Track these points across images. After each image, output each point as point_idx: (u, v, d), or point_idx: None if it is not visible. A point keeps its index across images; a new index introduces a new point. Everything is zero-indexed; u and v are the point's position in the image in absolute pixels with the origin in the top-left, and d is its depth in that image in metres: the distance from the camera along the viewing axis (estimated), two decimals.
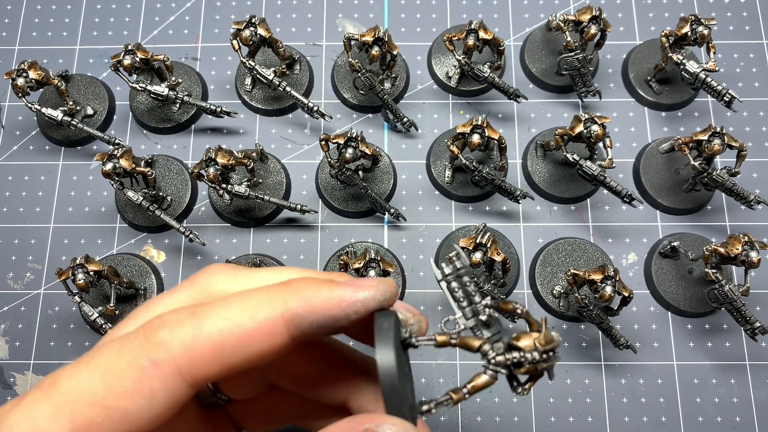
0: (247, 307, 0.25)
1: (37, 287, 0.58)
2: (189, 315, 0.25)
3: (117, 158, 0.52)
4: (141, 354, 0.24)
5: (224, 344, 0.25)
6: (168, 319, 0.25)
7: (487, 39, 0.56)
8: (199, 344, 0.25)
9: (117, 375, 0.24)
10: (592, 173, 0.54)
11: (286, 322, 0.25)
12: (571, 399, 0.54)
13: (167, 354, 0.24)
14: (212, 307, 0.26)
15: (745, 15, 0.64)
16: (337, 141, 0.52)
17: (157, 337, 0.25)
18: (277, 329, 0.25)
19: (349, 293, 0.26)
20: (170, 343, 0.25)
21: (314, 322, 0.26)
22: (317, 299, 0.26)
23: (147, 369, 0.24)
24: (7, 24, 0.66)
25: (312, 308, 0.26)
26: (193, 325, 0.25)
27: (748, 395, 0.54)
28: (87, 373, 0.24)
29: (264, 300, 0.26)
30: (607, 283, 0.48)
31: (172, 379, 0.24)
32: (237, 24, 0.56)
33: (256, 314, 0.25)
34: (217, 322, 0.25)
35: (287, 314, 0.25)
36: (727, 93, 0.55)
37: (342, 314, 0.26)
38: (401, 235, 0.58)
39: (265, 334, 0.25)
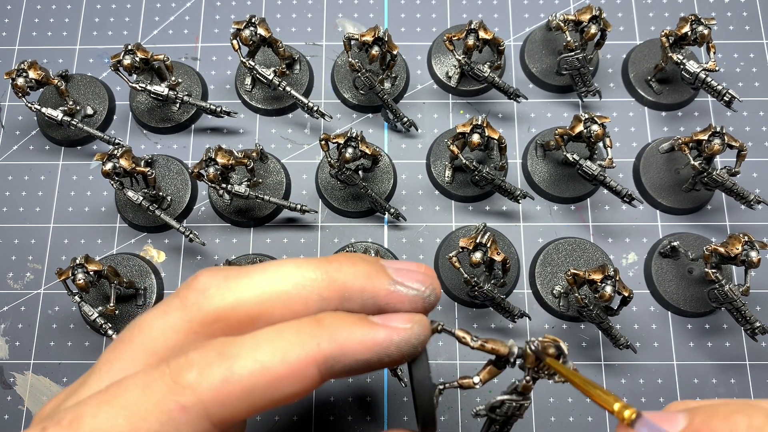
0: (278, 349, 0.25)
1: (37, 287, 0.58)
2: (218, 356, 0.24)
3: (117, 158, 0.52)
4: (168, 397, 0.24)
5: (254, 388, 0.24)
6: (196, 359, 0.24)
7: (487, 39, 0.56)
8: (229, 388, 0.24)
9: (143, 417, 0.23)
10: (592, 173, 0.54)
11: (318, 365, 0.25)
12: (571, 399, 0.54)
13: (195, 398, 0.24)
14: (241, 348, 0.25)
15: (745, 15, 0.64)
16: (337, 141, 0.52)
17: (185, 381, 0.24)
18: (308, 372, 0.25)
19: (383, 337, 0.26)
20: (198, 387, 0.24)
21: (346, 366, 0.25)
22: (350, 342, 0.25)
23: (174, 412, 0.23)
24: (7, 24, 0.66)
25: (345, 352, 0.25)
26: (223, 368, 0.24)
27: (748, 395, 0.54)
28: (111, 414, 0.23)
29: (295, 342, 0.25)
30: (607, 283, 0.48)
31: (200, 422, 0.24)
32: (237, 24, 0.56)
33: (287, 356, 0.24)
34: (247, 365, 0.24)
35: (320, 357, 0.25)
36: (727, 93, 0.55)
37: (375, 358, 0.26)
38: (401, 235, 0.58)
39: (297, 377, 0.25)
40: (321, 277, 0.28)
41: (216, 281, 0.28)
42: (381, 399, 0.54)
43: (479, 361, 0.54)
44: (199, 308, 0.27)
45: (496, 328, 0.55)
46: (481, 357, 0.54)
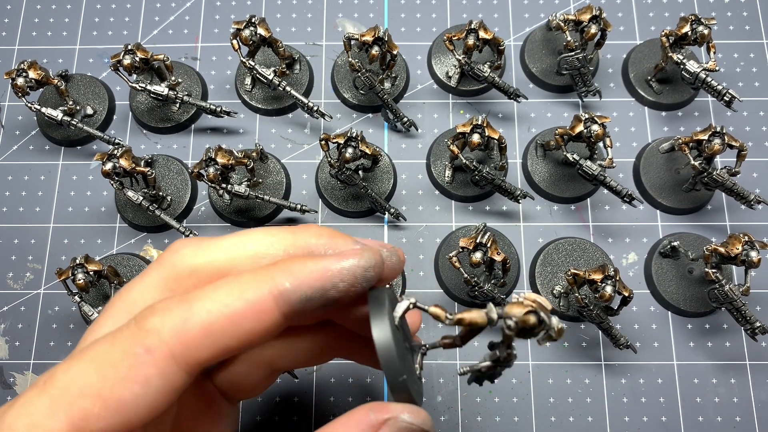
0: (235, 287, 0.26)
1: (36, 287, 0.58)
2: (178, 301, 0.26)
3: (117, 158, 0.52)
4: (133, 342, 0.25)
5: (215, 326, 0.25)
6: (158, 306, 0.26)
7: (487, 39, 0.56)
8: (190, 327, 0.25)
9: (111, 365, 0.24)
10: (593, 173, 0.54)
11: (274, 298, 0.26)
12: (571, 399, 0.54)
13: (159, 340, 0.25)
14: (201, 291, 0.26)
15: (745, 15, 0.64)
16: (337, 141, 0.52)
17: (149, 325, 0.25)
18: (266, 306, 0.26)
19: (333, 262, 0.27)
20: (161, 329, 0.25)
21: (303, 295, 0.26)
22: (303, 272, 0.26)
23: (140, 356, 0.24)
24: (6, 24, 0.66)
25: (299, 281, 0.26)
26: (183, 309, 0.25)
27: (749, 395, 0.54)
28: (82, 366, 0.24)
29: (251, 279, 0.26)
30: (607, 283, 0.48)
31: (166, 364, 0.25)
32: (237, 24, 0.56)
33: (243, 293, 0.25)
34: (206, 305, 0.25)
35: (275, 290, 0.26)
36: (728, 93, 0.55)
37: (329, 284, 0.26)
38: (401, 235, 0.58)
39: (255, 313, 0.25)
40: (287, 236, 0.29)
41: (189, 243, 0.30)
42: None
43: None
44: (173, 265, 0.29)
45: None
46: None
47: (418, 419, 0.28)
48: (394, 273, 0.31)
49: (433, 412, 0.53)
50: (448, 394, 0.54)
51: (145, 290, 0.28)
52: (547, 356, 0.55)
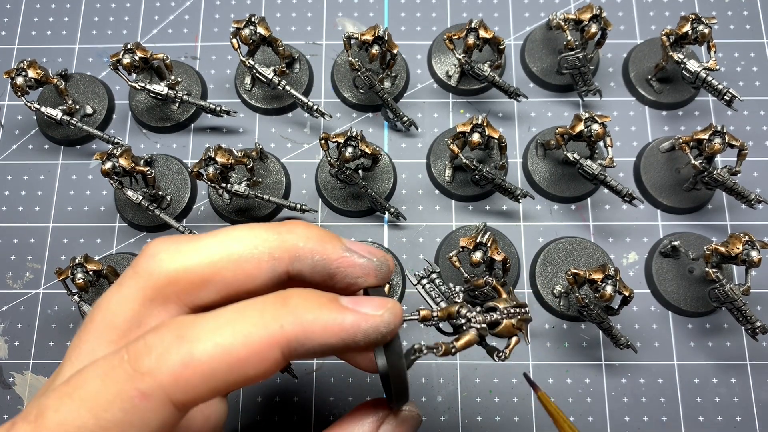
0: (239, 331, 0.24)
1: (36, 287, 0.58)
2: (176, 340, 0.24)
3: (116, 157, 0.52)
4: (128, 385, 0.23)
5: (215, 371, 0.24)
6: (154, 344, 0.24)
7: (487, 38, 0.56)
8: (189, 373, 0.23)
9: (105, 408, 0.23)
10: (593, 172, 0.54)
11: (281, 348, 0.24)
12: (571, 399, 0.53)
13: (156, 384, 0.23)
14: (201, 330, 0.24)
15: (745, 14, 0.64)
16: (337, 140, 0.52)
17: (144, 367, 0.23)
18: (271, 355, 0.24)
19: (350, 323, 0.25)
20: (158, 372, 0.23)
21: (310, 350, 0.25)
22: (316, 326, 0.24)
23: (135, 400, 0.23)
24: (6, 23, 0.66)
25: (309, 336, 0.24)
26: (182, 352, 0.24)
27: (749, 395, 0.53)
28: (73, 407, 0.23)
29: (258, 323, 0.24)
30: (608, 283, 0.48)
31: (162, 407, 0.23)
32: (237, 23, 0.56)
33: (248, 339, 0.24)
34: (207, 348, 0.23)
35: (283, 340, 0.24)
36: (728, 92, 0.55)
37: (341, 344, 0.25)
38: (401, 235, 0.58)
39: (259, 360, 0.24)
40: (273, 237, 0.28)
41: (166, 246, 0.28)
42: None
43: (479, 362, 0.54)
44: (150, 274, 0.27)
45: None
46: (482, 356, 0.54)
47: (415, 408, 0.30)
48: (383, 282, 0.30)
49: (433, 412, 0.53)
50: (448, 394, 0.54)
51: (124, 301, 0.27)
52: (547, 356, 0.55)
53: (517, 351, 0.55)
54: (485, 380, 0.54)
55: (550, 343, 0.55)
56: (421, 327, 0.55)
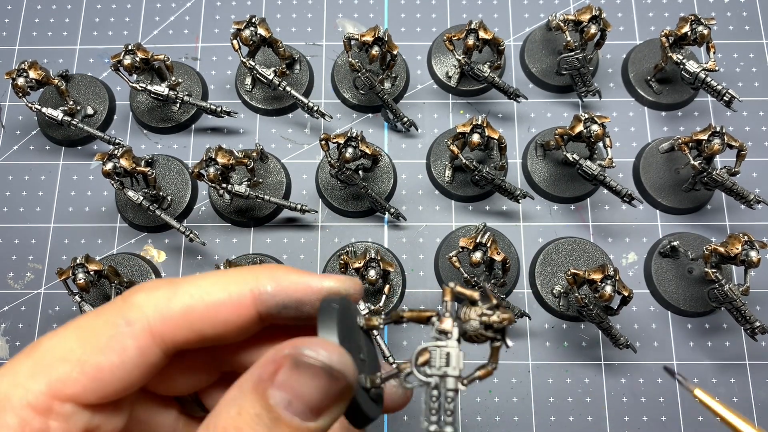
0: (220, 280, 0.27)
1: (37, 287, 0.58)
2: (166, 283, 0.27)
3: (117, 158, 0.52)
4: (117, 313, 0.26)
5: (195, 309, 0.26)
6: (146, 285, 0.27)
7: (487, 39, 0.56)
8: (172, 306, 0.26)
9: (93, 333, 0.25)
10: (592, 173, 0.54)
11: (254, 297, 0.27)
12: (571, 398, 0.54)
13: (141, 314, 0.26)
14: (189, 278, 0.27)
15: (744, 15, 0.64)
16: (337, 141, 0.52)
17: (134, 299, 0.26)
18: (245, 302, 0.27)
19: (315, 281, 0.28)
20: (145, 304, 0.26)
21: (280, 302, 0.27)
22: (286, 281, 0.27)
23: (121, 326, 0.25)
24: (7, 24, 0.66)
25: (280, 288, 0.27)
26: (168, 290, 0.26)
27: (748, 394, 0.54)
28: (65, 334, 0.26)
29: (236, 275, 0.27)
30: (607, 283, 0.48)
31: (144, 337, 0.26)
32: (237, 24, 0.56)
33: (227, 286, 0.27)
34: (190, 290, 0.26)
35: (256, 290, 0.27)
36: (727, 93, 0.55)
37: (307, 299, 0.27)
38: (401, 235, 0.58)
39: (234, 306, 0.26)
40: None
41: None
42: None
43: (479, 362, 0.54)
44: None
45: None
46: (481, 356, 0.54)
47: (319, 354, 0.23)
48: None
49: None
50: None
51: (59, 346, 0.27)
52: (546, 356, 0.55)
53: (518, 350, 0.55)
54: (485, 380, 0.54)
55: (549, 342, 0.55)
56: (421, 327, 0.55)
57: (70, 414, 0.25)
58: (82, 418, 0.25)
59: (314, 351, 0.23)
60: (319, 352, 0.23)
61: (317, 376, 0.23)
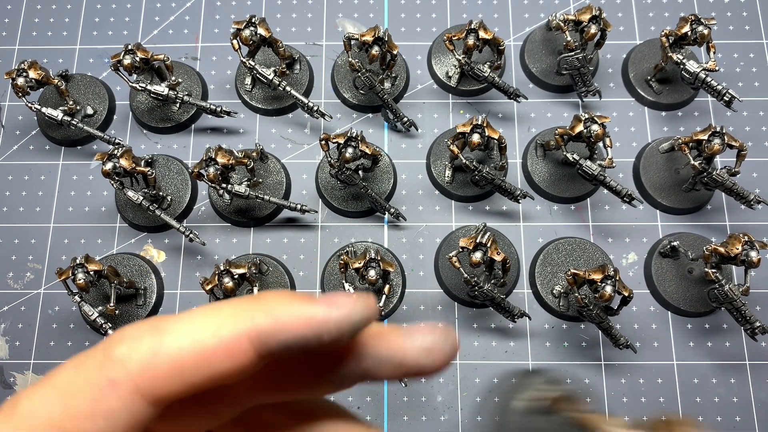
0: (211, 323, 0.24)
1: (37, 287, 0.58)
2: (149, 330, 0.24)
3: (117, 158, 0.52)
4: (98, 373, 0.23)
5: (185, 362, 0.23)
6: (127, 333, 0.24)
7: (487, 39, 0.56)
8: (158, 362, 0.23)
9: (74, 395, 0.23)
10: (592, 173, 0.54)
11: (251, 340, 0.24)
12: None
13: (125, 372, 0.23)
14: (175, 322, 0.24)
15: (745, 15, 0.64)
16: (337, 141, 0.52)
17: (115, 354, 0.23)
18: (241, 347, 0.24)
19: (321, 311, 0.24)
20: (128, 360, 0.23)
21: (282, 342, 0.24)
22: (286, 316, 0.24)
23: (104, 389, 0.23)
24: (7, 24, 0.66)
25: (280, 326, 0.24)
26: (153, 341, 0.24)
27: (748, 395, 0.54)
28: (45, 394, 0.23)
29: (229, 315, 0.24)
30: (607, 283, 0.48)
31: (131, 398, 0.23)
32: (237, 24, 0.56)
33: (219, 330, 0.24)
34: (177, 338, 0.24)
35: (252, 332, 0.24)
36: (727, 93, 0.55)
37: (312, 335, 0.24)
38: (401, 235, 0.58)
39: (229, 352, 0.24)
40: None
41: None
42: (381, 399, 0.54)
43: (479, 361, 0.54)
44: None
45: (496, 328, 0.55)
46: (482, 356, 0.54)
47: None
48: (443, 363, 0.25)
49: (433, 412, 0.53)
50: (448, 394, 0.54)
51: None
52: (547, 356, 0.55)
53: (518, 351, 0.55)
54: (485, 380, 0.54)
55: (549, 343, 0.55)
56: None
57: None
58: None
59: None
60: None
61: None
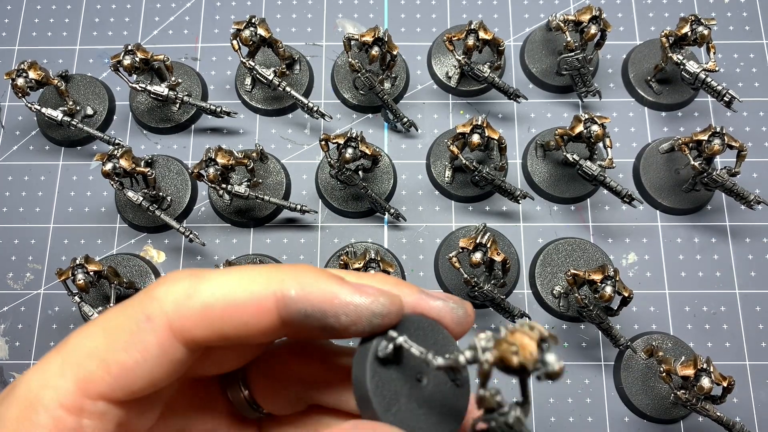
0: (245, 278, 0.26)
1: (37, 287, 0.58)
2: (188, 276, 0.26)
3: (117, 158, 0.52)
4: (138, 309, 0.25)
5: (215, 308, 0.25)
6: (169, 277, 0.26)
7: (487, 39, 0.56)
8: (191, 304, 0.25)
9: (116, 330, 0.25)
10: (592, 173, 0.54)
11: (276, 301, 0.25)
12: (571, 399, 0.54)
13: (160, 310, 0.25)
14: (213, 273, 0.26)
15: (745, 15, 0.64)
16: (337, 141, 0.52)
17: (154, 293, 0.26)
18: (267, 305, 0.25)
19: (346, 293, 0.26)
20: (164, 299, 0.25)
21: (302, 310, 0.25)
22: (313, 288, 0.26)
23: (141, 323, 0.25)
24: (6, 24, 0.66)
25: (305, 295, 0.26)
26: (190, 285, 0.26)
27: (748, 395, 0.54)
28: (92, 330, 0.25)
29: (262, 275, 0.26)
30: (607, 284, 0.48)
31: (165, 334, 0.25)
32: (237, 24, 0.56)
33: (250, 286, 0.26)
34: (212, 286, 0.25)
35: (279, 293, 0.25)
36: (727, 93, 0.55)
37: (332, 311, 0.26)
38: (401, 235, 0.58)
39: (255, 308, 0.25)
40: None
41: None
42: None
43: None
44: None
45: (496, 329, 0.55)
46: None
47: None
48: (460, 328, 0.28)
49: None
50: None
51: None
52: None
53: None
54: None
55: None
56: None
57: (103, 412, 0.25)
58: (115, 415, 0.25)
59: None
60: None
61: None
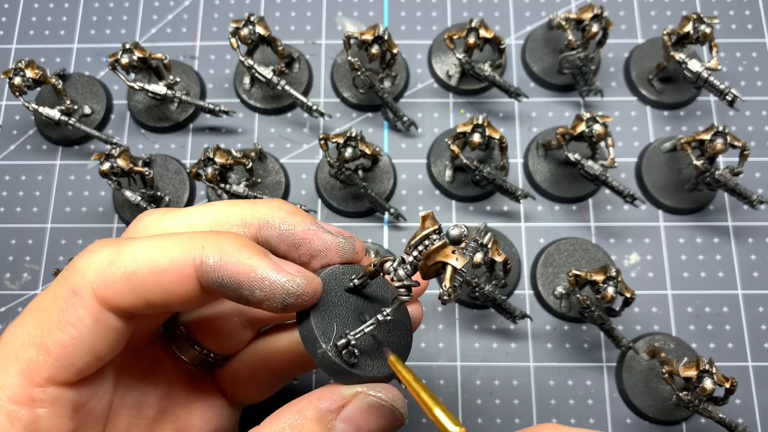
0: (166, 245, 0.26)
1: (34, 288, 0.58)
2: (109, 244, 0.26)
3: (114, 158, 0.51)
4: (63, 285, 0.25)
5: (136, 275, 0.25)
6: (90, 247, 0.26)
7: (488, 37, 0.56)
8: (113, 272, 0.25)
9: (46, 311, 0.25)
10: (594, 173, 0.54)
11: (195, 268, 0.25)
12: (572, 401, 0.53)
13: (84, 281, 0.25)
14: (134, 241, 0.26)
15: (747, 13, 0.64)
16: (337, 140, 0.52)
17: (76, 266, 0.25)
18: (187, 272, 0.25)
19: (264, 268, 0.25)
20: (87, 269, 0.25)
21: (218, 280, 0.25)
22: (231, 258, 0.25)
23: (68, 298, 0.25)
24: (4, 22, 0.66)
25: (223, 264, 0.25)
26: (111, 253, 0.25)
27: (751, 397, 0.53)
28: (21, 319, 0.25)
29: (184, 242, 0.26)
30: (609, 284, 0.47)
31: (94, 305, 0.25)
32: (235, 22, 0.55)
33: (170, 252, 0.25)
34: (133, 253, 0.25)
35: (198, 260, 0.25)
36: (730, 92, 0.54)
37: (247, 284, 0.25)
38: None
39: (176, 274, 0.25)
40: (248, 207, 0.29)
41: (154, 212, 0.30)
42: None
43: (479, 363, 0.54)
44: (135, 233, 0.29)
45: (497, 329, 0.55)
46: (482, 358, 0.54)
47: (388, 395, 0.26)
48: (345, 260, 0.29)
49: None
50: (448, 396, 0.53)
51: None
52: (548, 358, 0.54)
53: (519, 352, 0.54)
54: (486, 382, 0.54)
55: (551, 344, 0.55)
56: None
57: (55, 397, 0.25)
58: (68, 398, 0.25)
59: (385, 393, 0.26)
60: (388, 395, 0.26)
61: (384, 416, 0.26)
